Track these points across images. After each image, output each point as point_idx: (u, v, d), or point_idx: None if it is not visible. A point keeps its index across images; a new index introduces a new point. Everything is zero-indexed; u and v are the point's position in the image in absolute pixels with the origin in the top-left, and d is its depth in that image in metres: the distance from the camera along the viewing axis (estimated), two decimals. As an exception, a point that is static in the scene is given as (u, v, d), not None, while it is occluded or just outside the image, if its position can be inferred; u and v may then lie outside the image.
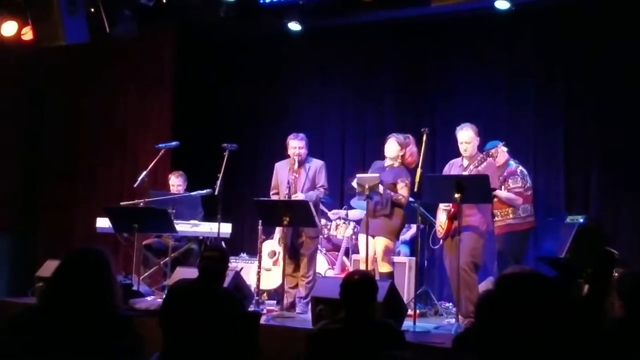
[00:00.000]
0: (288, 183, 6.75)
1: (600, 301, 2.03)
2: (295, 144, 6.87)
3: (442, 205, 6.21)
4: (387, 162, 6.60)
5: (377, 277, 6.34)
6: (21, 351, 2.59)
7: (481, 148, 6.36)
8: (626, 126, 7.30)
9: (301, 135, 6.95)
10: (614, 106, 7.35)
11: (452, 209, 5.98)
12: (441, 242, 6.33)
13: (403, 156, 6.58)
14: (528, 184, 6.69)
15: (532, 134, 7.81)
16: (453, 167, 6.34)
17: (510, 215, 6.60)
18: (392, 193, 6.42)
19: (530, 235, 6.94)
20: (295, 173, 6.87)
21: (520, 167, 6.71)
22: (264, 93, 9.27)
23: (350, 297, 3.64)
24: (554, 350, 1.61)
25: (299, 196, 6.70)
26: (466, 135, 6.17)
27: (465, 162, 6.23)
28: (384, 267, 6.47)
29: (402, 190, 6.47)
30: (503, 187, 6.53)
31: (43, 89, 9.46)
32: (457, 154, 6.39)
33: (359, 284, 3.68)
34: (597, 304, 1.92)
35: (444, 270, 6.47)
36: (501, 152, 6.64)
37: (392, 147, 6.57)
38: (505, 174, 6.62)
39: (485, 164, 6.00)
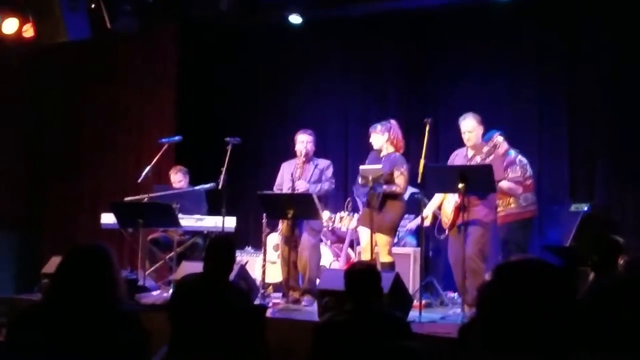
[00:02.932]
0: (292, 175, 6.76)
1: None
2: (303, 139, 6.90)
3: (449, 196, 6.21)
4: (381, 153, 6.60)
5: (379, 268, 6.36)
6: (28, 347, 2.60)
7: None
8: (631, 114, 7.28)
9: (309, 130, 7.00)
10: (618, 93, 7.33)
11: (459, 200, 5.97)
12: (447, 233, 6.33)
13: (392, 142, 6.57)
14: (528, 173, 6.65)
15: (536, 122, 7.80)
16: (457, 157, 6.33)
17: (512, 205, 6.59)
18: (385, 186, 6.37)
19: (533, 224, 6.91)
20: (302, 166, 6.88)
21: (519, 157, 6.67)
22: (266, 86, 9.27)
23: (355, 287, 3.65)
24: (559, 336, 1.61)
25: (302, 185, 6.71)
26: (469, 125, 6.18)
27: (470, 153, 6.22)
28: (385, 258, 6.47)
29: (399, 179, 6.42)
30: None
31: (46, 86, 9.46)
32: (460, 143, 6.38)
33: (362, 274, 3.68)
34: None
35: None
36: (501, 142, 6.63)
37: (374, 138, 6.57)
38: (505, 163, 6.61)
39: (492, 156, 5.98)
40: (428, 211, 6.46)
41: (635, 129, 7.24)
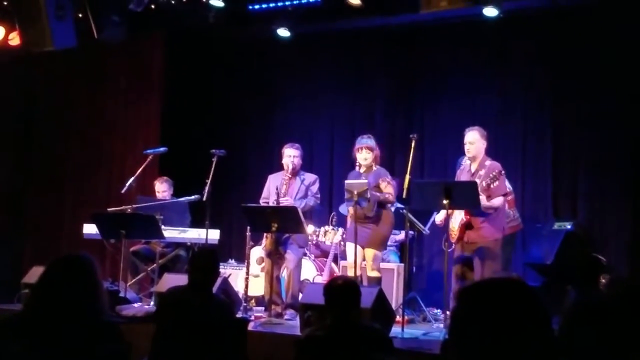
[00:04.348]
0: (277, 189, 6.75)
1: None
2: (291, 153, 6.91)
3: (455, 213, 6.18)
4: (363, 169, 6.62)
5: (365, 283, 6.36)
6: (6, 358, 2.57)
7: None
8: (614, 133, 7.34)
9: (297, 145, 7.01)
10: (601, 113, 7.39)
11: (465, 219, 5.98)
12: (454, 246, 6.31)
13: (376, 157, 6.62)
14: (508, 189, 6.66)
15: (520, 140, 7.84)
16: (463, 172, 6.37)
17: None
18: (378, 194, 6.43)
19: (516, 240, 6.91)
20: (288, 182, 6.88)
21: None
22: (253, 99, 9.27)
23: (334, 301, 3.65)
24: (536, 355, 1.60)
25: (287, 202, 6.71)
26: (471, 136, 6.22)
27: (473, 167, 6.23)
28: (373, 273, 6.49)
29: (387, 188, 6.49)
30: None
31: (30, 95, 9.41)
32: (446, 159, 6.40)
33: (341, 289, 3.68)
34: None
35: (433, 276, 6.47)
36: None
37: (366, 155, 6.57)
38: None
39: (498, 182, 6.00)
40: (441, 216, 6.40)
41: (617, 148, 7.31)
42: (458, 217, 6.12)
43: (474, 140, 6.22)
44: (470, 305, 1.68)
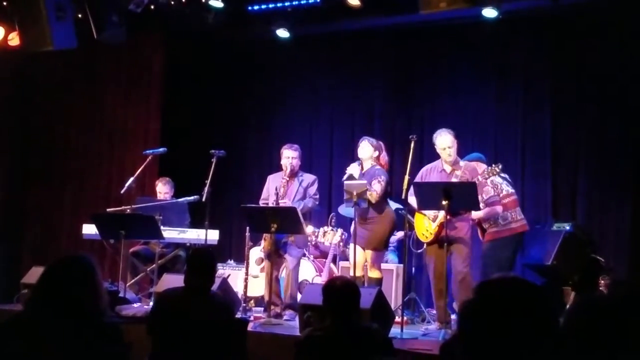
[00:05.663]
0: (276, 189, 6.76)
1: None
2: (289, 154, 6.91)
3: (427, 213, 6.23)
4: (364, 167, 6.63)
5: (366, 283, 6.37)
6: (7, 359, 2.57)
7: (462, 156, 6.43)
8: (613, 134, 7.36)
9: (295, 146, 7.01)
10: (601, 114, 7.41)
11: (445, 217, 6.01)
12: (425, 247, 6.37)
13: (378, 159, 6.64)
14: (504, 191, 6.49)
15: (520, 141, 7.85)
16: (433, 172, 6.34)
17: (493, 224, 6.57)
18: None
19: (515, 242, 6.79)
20: (286, 183, 6.89)
21: (492, 177, 6.54)
22: (252, 99, 9.28)
23: (333, 302, 3.65)
24: (540, 355, 1.61)
25: (286, 203, 6.72)
26: (447, 140, 6.20)
27: (448, 168, 6.23)
28: (374, 273, 6.51)
29: (375, 186, 6.43)
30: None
31: (29, 95, 9.40)
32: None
33: (340, 289, 3.68)
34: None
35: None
36: (480, 165, 6.57)
37: (366, 149, 6.61)
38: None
39: (488, 180, 6.05)
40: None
41: (617, 149, 7.32)
42: (439, 215, 6.15)
43: (452, 143, 6.20)
44: (483, 300, 1.69)
